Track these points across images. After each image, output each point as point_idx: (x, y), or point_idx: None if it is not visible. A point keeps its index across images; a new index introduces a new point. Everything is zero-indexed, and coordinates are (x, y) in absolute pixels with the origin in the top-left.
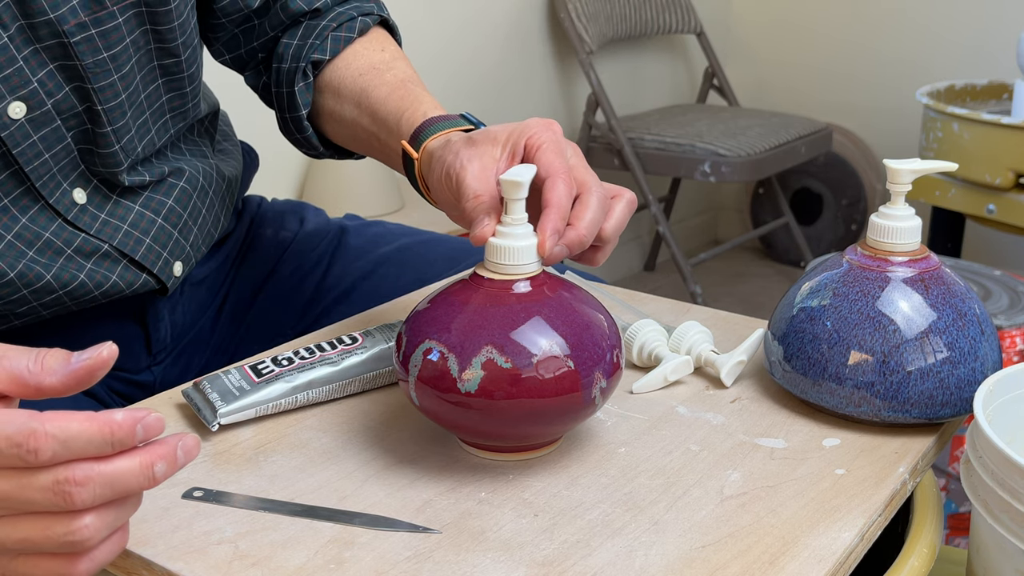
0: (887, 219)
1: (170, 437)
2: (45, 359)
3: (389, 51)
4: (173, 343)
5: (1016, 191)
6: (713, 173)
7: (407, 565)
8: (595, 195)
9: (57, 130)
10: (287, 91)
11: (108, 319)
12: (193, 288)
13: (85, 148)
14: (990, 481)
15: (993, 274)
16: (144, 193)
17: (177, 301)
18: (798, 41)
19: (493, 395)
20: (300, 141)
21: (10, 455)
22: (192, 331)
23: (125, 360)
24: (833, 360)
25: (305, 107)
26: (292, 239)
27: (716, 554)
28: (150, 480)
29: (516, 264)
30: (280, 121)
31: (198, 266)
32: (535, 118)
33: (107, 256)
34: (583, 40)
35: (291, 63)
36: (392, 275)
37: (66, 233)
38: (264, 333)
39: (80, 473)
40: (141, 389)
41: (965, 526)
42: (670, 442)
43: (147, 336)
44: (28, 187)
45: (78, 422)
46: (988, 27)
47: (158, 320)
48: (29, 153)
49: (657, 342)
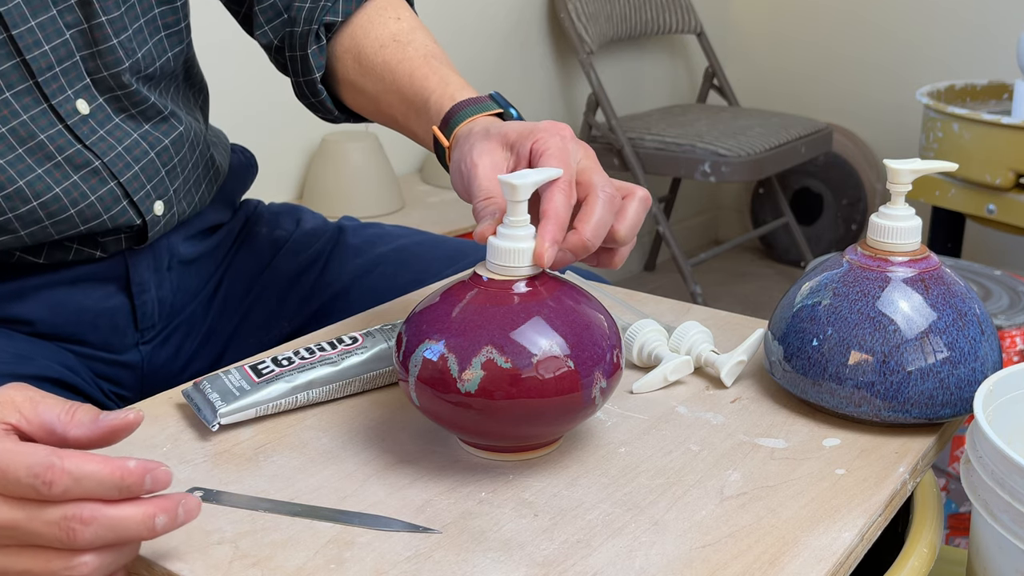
0: (887, 219)
1: (175, 494)
2: (76, 412)
3: (405, 19)
4: (162, 322)
5: (1016, 191)
6: (713, 173)
7: (407, 565)
8: (600, 197)
9: (54, 20)
10: (300, 55)
11: (92, 283)
12: (182, 268)
13: (87, 54)
14: (990, 481)
15: (993, 274)
16: (145, 126)
17: (164, 276)
18: (798, 41)
19: (493, 395)
20: (315, 105)
21: (26, 485)
22: (182, 314)
23: (110, 335)
24: (833, 360)
25: (319, 70)
26: (288, 237)
27: (716, 554)
28: (150, 531)
29: (516, 265)
30: (295, 85)
31: (187, 245)
32: (547, 121)
33: (95, 173)
34: (583, 40)
35: (304, 26)
36: (390, 274)
37: (62, 140)
38: (259, 325)
39: (87, 512)
40: (128, 370)
41: (965, 526)
42: (670, 442)
43: (133, 308)
44: (32, 84)
45: (94, 463)
46: (988, 27)
47: (143, 291)
48: (28, 39)
49: (657, 342)
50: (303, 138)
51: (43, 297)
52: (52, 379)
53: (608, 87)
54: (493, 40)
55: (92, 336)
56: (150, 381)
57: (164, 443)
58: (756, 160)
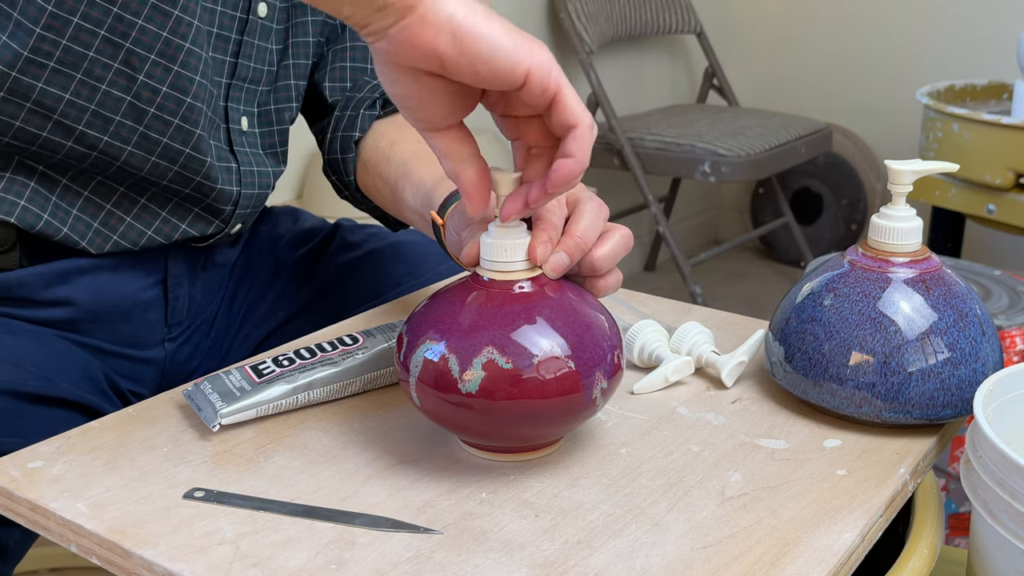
0: (888, 220)
1: None
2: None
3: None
4: (188, 320)
5: (1016, 191)
6: (713, 173)
7: (408, 566)
8: (589, 206)
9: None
10: (351, 114)
11: (133, 271)
12: (214, 270)
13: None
14: (990, 481)
15: (993, 274)
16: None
17: (197, 276)
18: (798, 41)
19: (494, 396)
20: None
21: None
22: (204, 314)
23: (141, 327)
24: (834, 361)
25: (362, 131)
26: (286, 234)
27: (717, 555)
28: None
29: (512, 260)
30: (328, 152)
31: (221, 252)
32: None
33: (230, 171)
34: (583, 40)
35: (367, 94)
36: (384, 267)
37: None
38: (258, 316)
39: None
40: (150, 367)
41: (965, 526)
42: (671, 443)
43: (166, 303)
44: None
45: None
46: (988, 27)
47: (178, 286)
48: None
49: (658, 343)
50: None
51: (86, 280)
52: (71, 403)
53: (608, 87)
54: None
55: (125, 328)
56: (168, 379)
57: (165, 443)
58: (756, 160)
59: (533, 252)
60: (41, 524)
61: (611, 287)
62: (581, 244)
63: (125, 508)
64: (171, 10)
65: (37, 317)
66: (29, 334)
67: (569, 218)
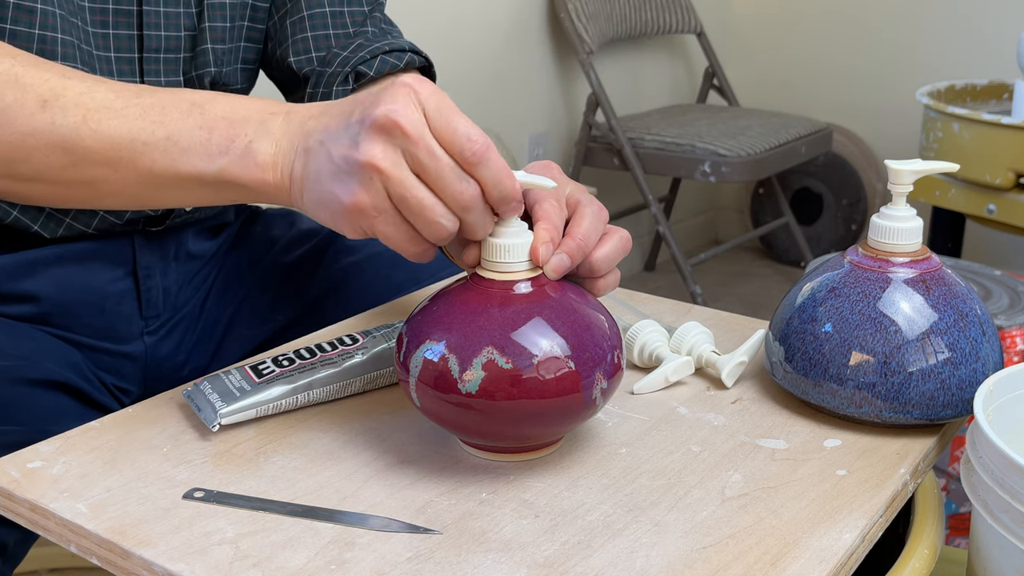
0: (888, 220)
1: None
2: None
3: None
4: (166, 313)
5: (1016, 191)
6: (713, 173)
7: (408, 566)
8: (590, 208)
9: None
10: (323, 91)
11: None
12: (187, 260)
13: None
14: (990, 481)
15: (993, 274)
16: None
17: (170, 266)
18: (798, 41)
19: (494, 396)
20: None
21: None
22: (185, 308)
23: (116, 320)
24: (834, 361)
25: None
26: (282, 236)
27: (717, 555)
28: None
29: (513, 261)
30: None
31: (195, 241)
32: (535, 162)
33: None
34: (583, 40)
35: (336, 68)
36: (385, 271)
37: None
38: (254, 318)
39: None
40: (131, 363)
41: (965, 526)
42: (671, 443)
43: (138, 294)
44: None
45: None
46: (988, 27)
47: (149, 277)
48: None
49: (658, 343)
50: None
51: (51, 273)
52: (57, 383)
53: (608, 87)
54: (493, 40)
55: (98, 321)
56: (152, 375)
57: (165, 443)
58: (756, 160)
59: (535, 252)
60: (41, 524)
61: (610, 287)
62: (583, 246)
63: (125, 508)
64: (34, 5)
65: (5, 312)
66: (1, 326)
67: (570, 220)
